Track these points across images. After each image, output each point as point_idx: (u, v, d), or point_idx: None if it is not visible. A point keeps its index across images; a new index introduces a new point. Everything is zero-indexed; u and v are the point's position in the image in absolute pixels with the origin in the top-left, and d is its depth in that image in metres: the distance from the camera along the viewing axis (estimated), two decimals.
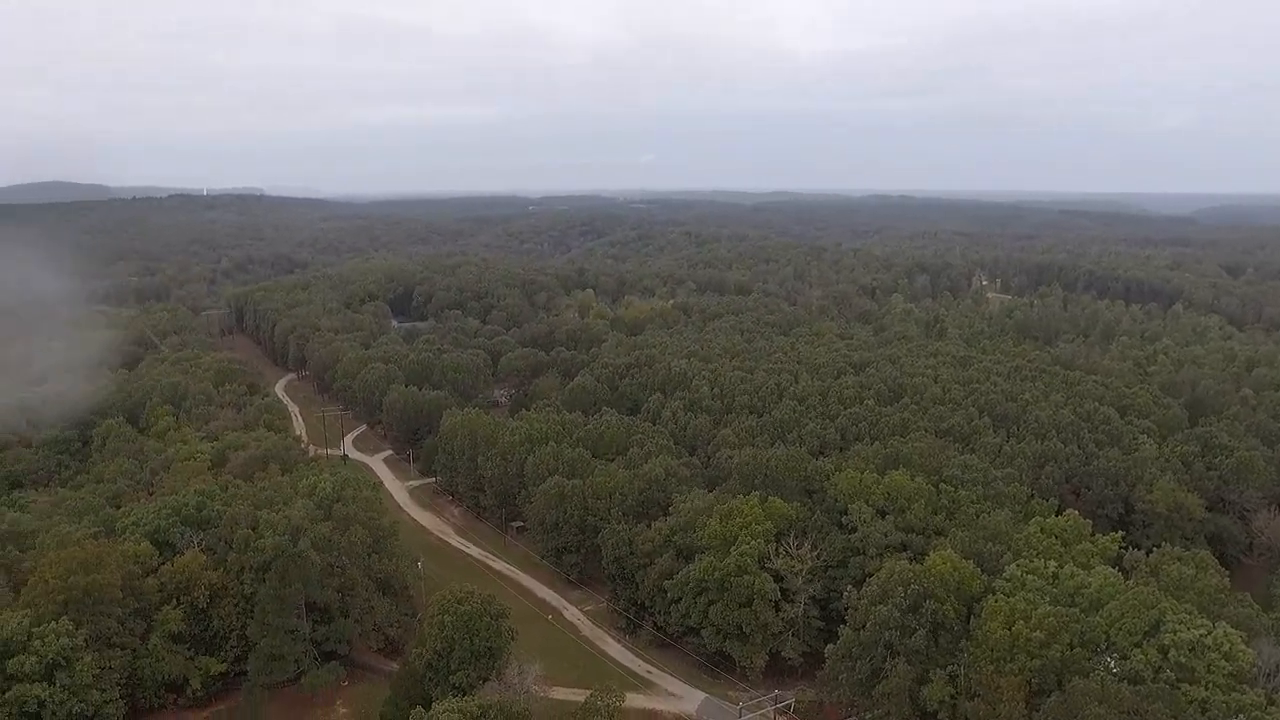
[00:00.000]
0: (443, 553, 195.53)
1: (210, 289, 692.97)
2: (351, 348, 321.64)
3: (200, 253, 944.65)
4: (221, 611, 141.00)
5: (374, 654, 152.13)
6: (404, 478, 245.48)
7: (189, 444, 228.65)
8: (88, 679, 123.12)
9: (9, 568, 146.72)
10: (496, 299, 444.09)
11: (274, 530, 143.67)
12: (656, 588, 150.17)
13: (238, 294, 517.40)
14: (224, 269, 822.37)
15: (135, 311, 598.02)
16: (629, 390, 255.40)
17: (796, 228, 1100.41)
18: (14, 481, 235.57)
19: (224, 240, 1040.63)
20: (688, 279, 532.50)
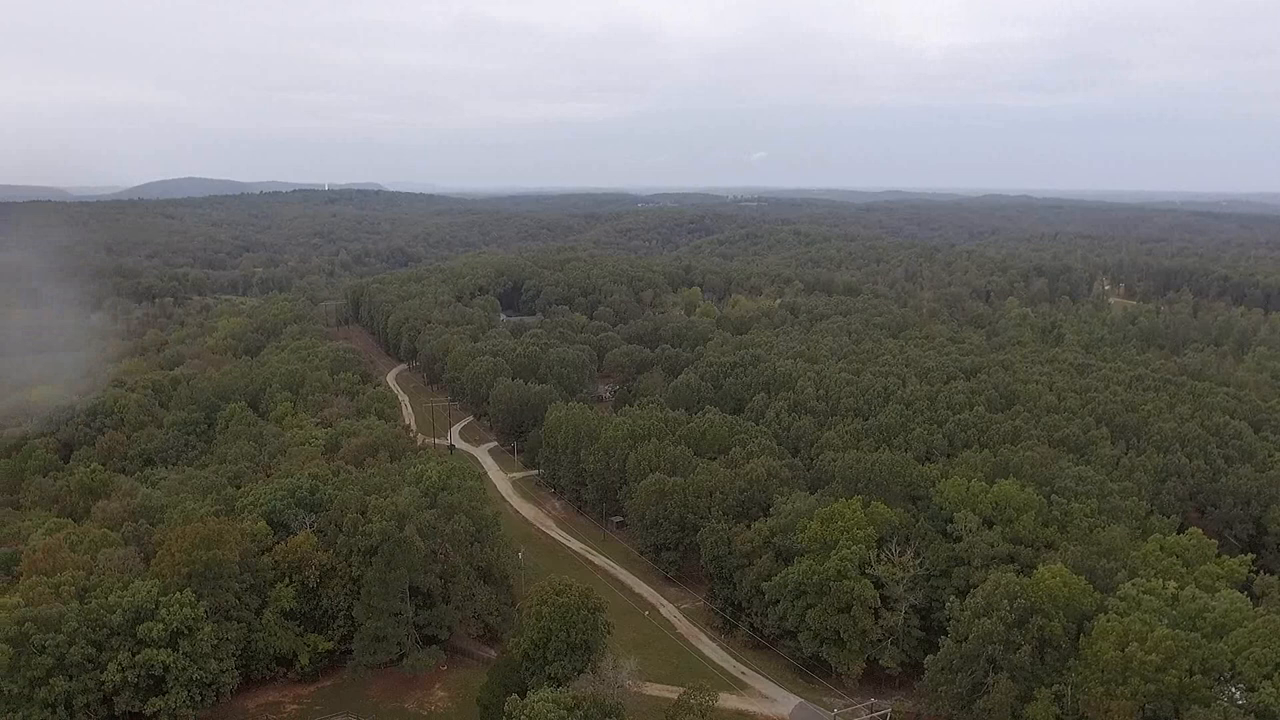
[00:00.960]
0: (543, 544, 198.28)
1: (329, 280, 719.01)
2: (461, 340, 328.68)
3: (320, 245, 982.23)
4: (330, 591, 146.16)
5: (473, 640, 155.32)
6: (508, 469, 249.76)
7: (304, 429, 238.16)
8: (207, 648, 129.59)
9: (141, 540, 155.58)
10: (603, 295, 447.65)
11: (382, 516, 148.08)
12: (754, 588, 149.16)
13: (354, 286, 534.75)
14: (342, 261, 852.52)
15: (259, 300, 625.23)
16: (733, 389, 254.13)
17: (909, 228, 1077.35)
18: (147, 459, 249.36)
19: (343, 234, 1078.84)
20: (795, 278, 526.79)
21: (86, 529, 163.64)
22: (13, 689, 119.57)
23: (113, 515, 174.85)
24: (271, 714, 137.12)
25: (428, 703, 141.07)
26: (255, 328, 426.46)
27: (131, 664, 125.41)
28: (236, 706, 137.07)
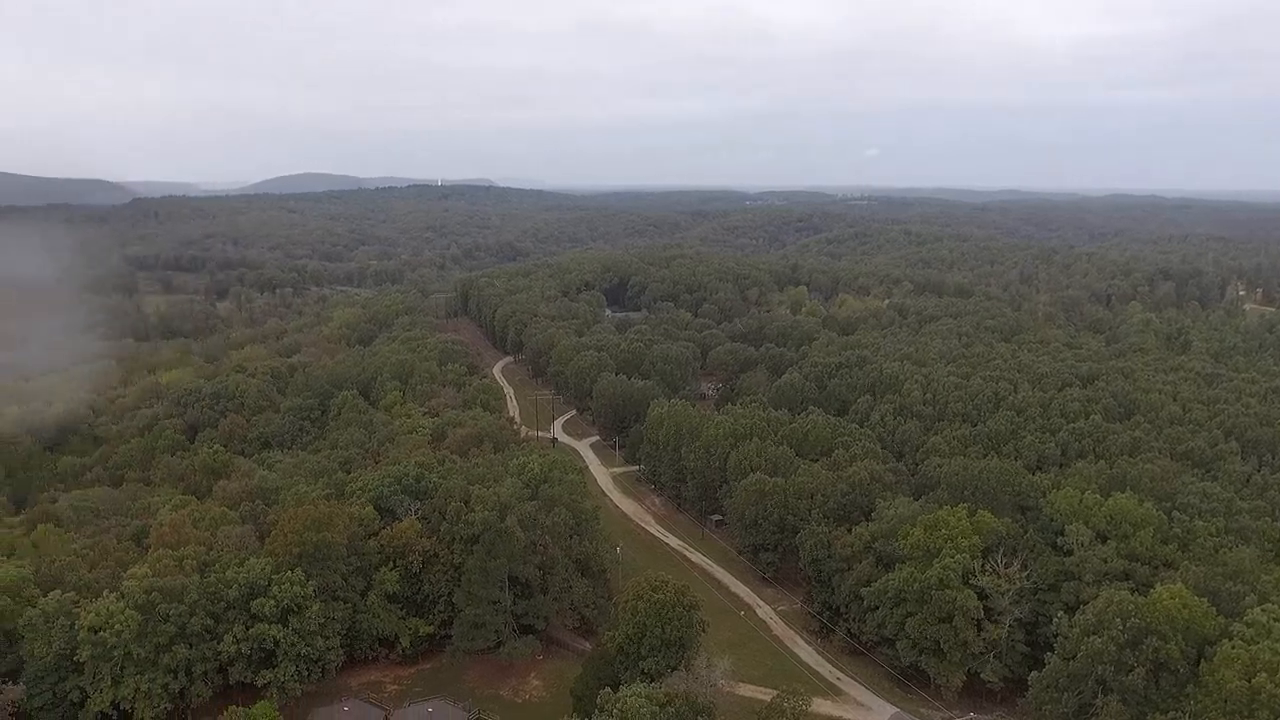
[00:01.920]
0: (641, 540, 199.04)
1: (439, 273, 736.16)
2: (566, 335, 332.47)
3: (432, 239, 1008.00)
4: (432, 577, 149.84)
5: (569, 632, 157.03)
6: (609, 464, 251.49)
7: (412, 418, 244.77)
8: (314, 626, 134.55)
9: (257, 519, 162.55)
10: (709, 292, 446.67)
11: (484, 505, 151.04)
12: (853, 594, 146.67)
13: (463, 279, 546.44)
14: (452, 255, 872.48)
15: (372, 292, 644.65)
16: (837, 390, 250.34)
17: (1025, 228, 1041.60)
18: (265, 442, 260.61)
19: (454, 228, 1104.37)
20: (905, 279, 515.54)
21: (208, 507, 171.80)
22: (140, 653, 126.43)
23: (232, 495, 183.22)
24: (373, 692, 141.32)
25: (522, 691, 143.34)
26: (368, 318, 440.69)
27: (245, 637, 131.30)
28: (340, 683, 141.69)
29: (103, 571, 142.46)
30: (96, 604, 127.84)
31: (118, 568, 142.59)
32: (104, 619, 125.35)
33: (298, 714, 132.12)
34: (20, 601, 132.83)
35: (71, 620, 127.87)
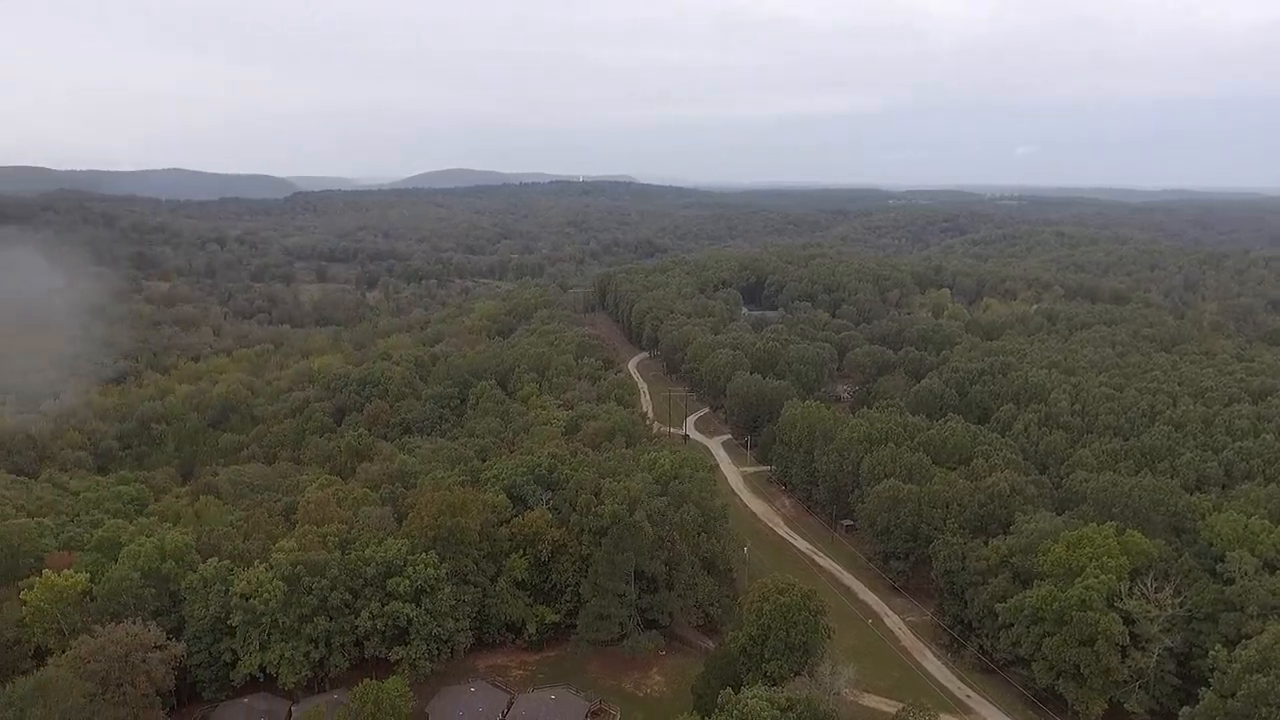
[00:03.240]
0: (769, 541, 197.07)
1: (578, 268, 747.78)
2: (701, 332, 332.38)
3: (572, 234, 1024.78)
4: (560, 567, 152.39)
5: (692, 629, 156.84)
6: (740, 463, 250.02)
7: (547, 410, 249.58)
8: (445, 607, 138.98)
9: (396, 501, 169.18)
10: (848, 293, 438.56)
11: (614, 499, 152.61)
12: (987, 609, 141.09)
13: (602, 274, 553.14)
14: (591, 250, 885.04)
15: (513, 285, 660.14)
16: (979, 397, 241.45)
17: (1192, 231, 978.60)
18: (406, 427, 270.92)
19: (594, 224, 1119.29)
20: (1055, 283, 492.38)
21: (351, 487, 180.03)
22: (285, 622, 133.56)
23: (373, 477, 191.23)
24: (498, 676, 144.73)
25: (644, 684, 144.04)
26: (508, 311, 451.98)
27: (381, 613, 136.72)
28: (468, 665, 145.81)
29: (254, 543, 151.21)
30: (248, 573, 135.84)
31: (268, 540, 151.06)
32: (254, 587, 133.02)
33: (426, 691, 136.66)
34: (184, 566, 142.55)
35: (226, 586, 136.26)
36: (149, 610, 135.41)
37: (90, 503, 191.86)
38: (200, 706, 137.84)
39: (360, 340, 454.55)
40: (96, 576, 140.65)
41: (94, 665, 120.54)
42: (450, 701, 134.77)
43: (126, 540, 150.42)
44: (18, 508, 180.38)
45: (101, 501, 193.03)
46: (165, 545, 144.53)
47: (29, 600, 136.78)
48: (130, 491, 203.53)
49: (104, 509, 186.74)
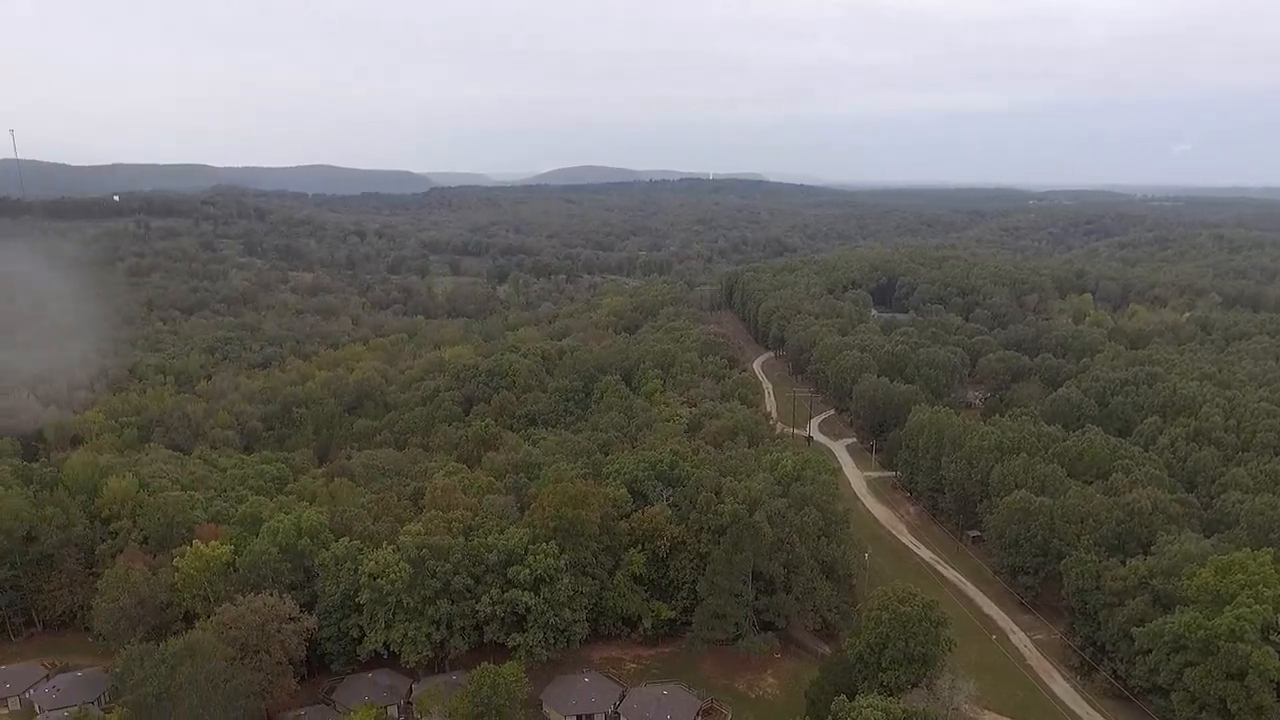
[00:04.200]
0: (891, 548, 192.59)
1: (706, 266, 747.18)
2: (829, 333, 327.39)
3: (701, 232, 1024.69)
4: (678, 564, 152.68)
5: (809, 633, 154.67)
6: (864, 467, 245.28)
7: (671, 407, 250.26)
8: (564, 597, 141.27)
9: (519, 491, 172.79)
10: (982, 296, 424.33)
11: (734, 498, 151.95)
12: (1122, 632, 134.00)
13: (729, 273, 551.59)
14: (720, 248, 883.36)
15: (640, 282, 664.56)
16: (1121, 409, 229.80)
17: None
18: (531, 419, 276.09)
19: (723, 222, 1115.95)
20: (1211, 290, 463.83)
21: (477, 475, 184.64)
22: (410, 603, 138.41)
23: (498, 466, 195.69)
24: (612, 668, 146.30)
25: (757, 686, 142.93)
26: (635, 307, 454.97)
27: (500, 600, 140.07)
28: (583, 655, 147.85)
29: (384, 525, 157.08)
30: (377, 554, 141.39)
31: (396, 523, 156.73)
32: (382, 568, 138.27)
33: (541, 679, 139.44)
34: (318, 543, 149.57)
35: (356, 565, 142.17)
36: (285, 584, 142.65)
37: (236, 479, 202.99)
38: (328, 678, 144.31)
39: (490, 332, 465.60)
40: (239, 549, 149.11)
41: (235, 631, 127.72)
42: (564, 690, 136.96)
43: (267, 516, 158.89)
44: (173, 481, 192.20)
45: (246, 479, 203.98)
46: (302, 523, 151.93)
47: (181, 568, 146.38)
48: (272, 470, 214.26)
49: (248, 486, 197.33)
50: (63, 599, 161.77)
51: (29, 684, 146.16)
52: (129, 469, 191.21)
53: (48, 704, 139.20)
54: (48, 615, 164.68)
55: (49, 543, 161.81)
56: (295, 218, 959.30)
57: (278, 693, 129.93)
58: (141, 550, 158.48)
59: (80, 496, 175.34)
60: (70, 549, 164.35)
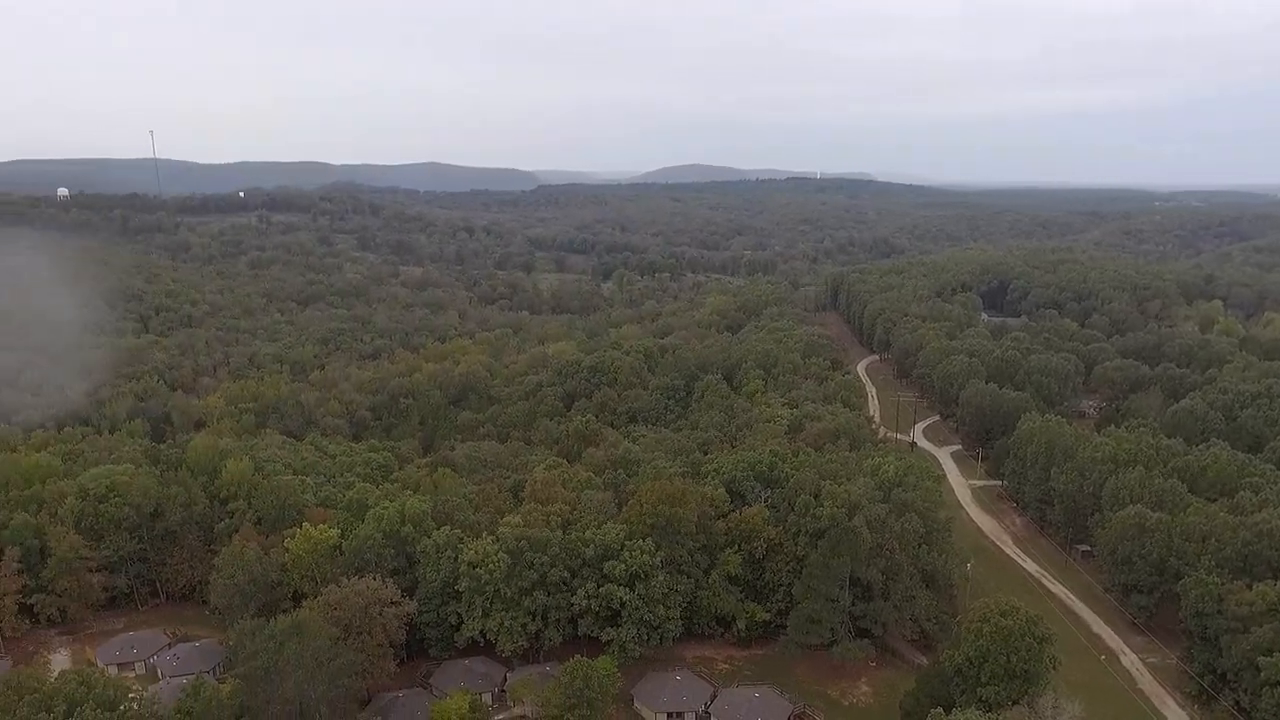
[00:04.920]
0: (995, 560, 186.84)
1: (810, 266, 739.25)
2: (936, 337, 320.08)
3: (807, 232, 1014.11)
4: (774, 566, 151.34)
5: (906, 643, 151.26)
6: (969, 475, 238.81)
7: (771, 407, 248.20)
8: (658, 594, 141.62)
9: (617, 487, 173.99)
10: (1100, 301, 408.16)
11: (833, 501, 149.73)
12: (1247, 660, 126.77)
13: (834, 274, 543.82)
14: (825, 249, 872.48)
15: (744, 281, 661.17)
16: (1251, 423, 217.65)
17: None
18: (632, 416, 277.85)
19: (830, 222, 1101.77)
20: None
21: (576, 470, 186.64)
22: (507, 592, 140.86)
23: (598, 462, 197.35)
24: (703, 667, 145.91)
25: (851, 693, 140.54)
26: (738, 307, 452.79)
27: (596, 594, 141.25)
28: (674, 653, 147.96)
29: (484, 515, 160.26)
30: (476, 543, 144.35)
31: (496, 514, 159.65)
32: (481, 557, 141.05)
33: (633, 674, 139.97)
34: (420, 531, 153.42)
35: (456, 554, 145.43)
36: (388, 569, 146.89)
37: (344, 466, 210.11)
38: (426, 662, 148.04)
39: (593, 329, 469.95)
40: (346, 533, 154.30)
41: (339, 613, 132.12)
42: (655, 686, 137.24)
43: (373, 503, 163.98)
44: (286, 465, 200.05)
45: (354, 466, 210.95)
46: (405, 511, 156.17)
47: (291, 549, 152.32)
48: (378, 459, 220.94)
49: (355, 473, 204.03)
50: (184, 573, 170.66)
51: (153, 650, 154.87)
52: (246, 452, 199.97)
53: (169, 670, 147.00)
54: (171, 587, 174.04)
55: (173, 520, 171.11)
56: (407, 214, 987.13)
57: (378, 674, 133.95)
58: (255, 530, 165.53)
59: (201, 477, 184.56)
60: (191, 526, 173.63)
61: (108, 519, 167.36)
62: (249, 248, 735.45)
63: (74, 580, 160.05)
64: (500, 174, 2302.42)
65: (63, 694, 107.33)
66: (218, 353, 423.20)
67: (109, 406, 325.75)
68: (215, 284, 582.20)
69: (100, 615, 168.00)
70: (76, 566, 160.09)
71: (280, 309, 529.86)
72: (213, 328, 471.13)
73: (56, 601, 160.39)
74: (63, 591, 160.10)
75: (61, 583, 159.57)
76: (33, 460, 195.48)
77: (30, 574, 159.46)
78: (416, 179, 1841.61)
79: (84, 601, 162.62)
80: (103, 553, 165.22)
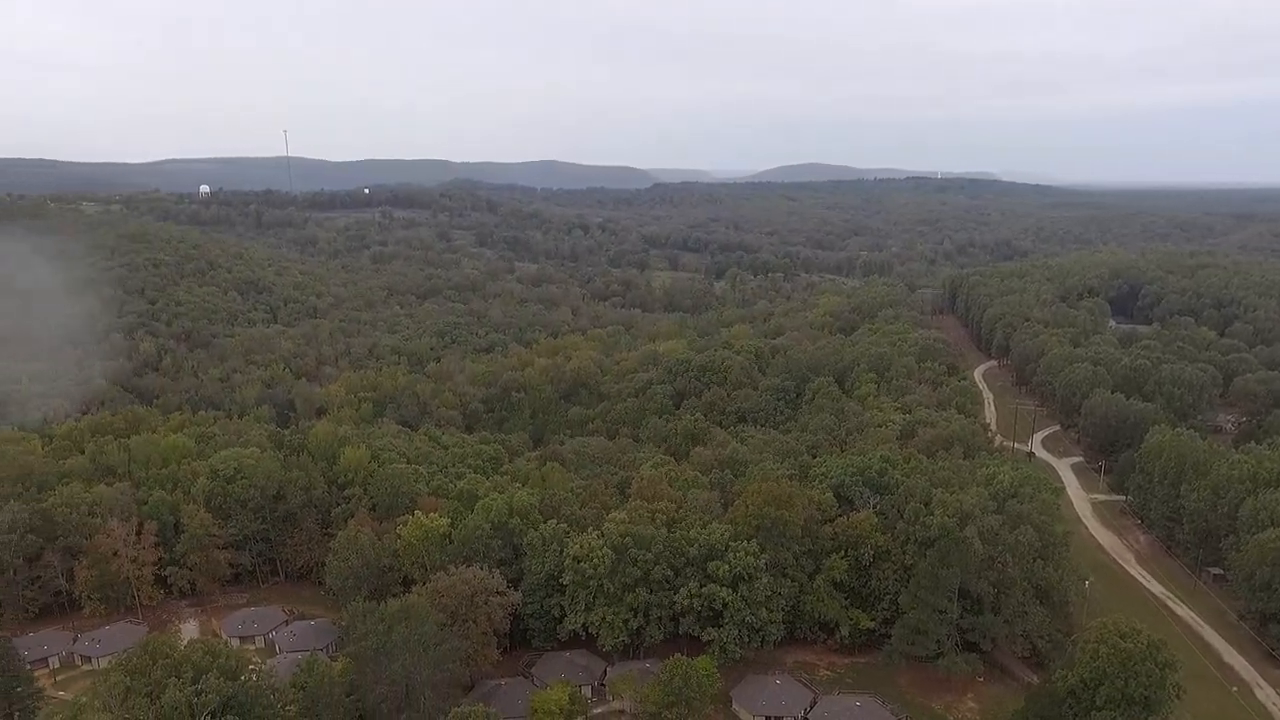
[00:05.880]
0: (1115, 578, 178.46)
1: (928, 268, 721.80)
2: (1059, 343, 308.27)
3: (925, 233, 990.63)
4: (880, 573, 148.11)
5: (1016, 659, 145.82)
6: (1089, 489, 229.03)
7: (884, 411, 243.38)
8: (761, 597, 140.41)
9: (724, 487, 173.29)
10: (1243, 309, 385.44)
11: (944, 510, 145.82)
12: None
13: (953, 276, 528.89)
14: (944, 250, 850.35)
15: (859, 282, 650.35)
16: None
17: None
18: (740, 416, 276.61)
19: (949, 223, 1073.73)
20: None
21: (683, 469, 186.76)
22: (610, 588, 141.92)
23: (705, 461, 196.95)
24: (804, 673, 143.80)
25: (956, 708, 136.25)
26: (852, 308, 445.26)
27: (698, 594, 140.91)
28: (775, 656, 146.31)
29: (590, 510, 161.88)
30: (582, 538, 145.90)
31: (602, 510, 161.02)
32: (586, 552, 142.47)
33: (733, 676, 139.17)
34: (527, 524, 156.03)
35: (561, 547, 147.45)
36: (494, 559, 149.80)
37: (456, 457, 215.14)
38: (528, 652, 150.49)
39: (704, 328, 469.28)
40: (456, 522, 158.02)
41: (446, 599, 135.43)
42: (755, 689, 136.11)
43: (482, 494, 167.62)
44: (400, 454, 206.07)
45: (465, 457, 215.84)
46: (513, 503, 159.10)
47: (403, 535, 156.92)
48: (489, 451, 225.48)
49: (466, 464, 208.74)
50: (302, 554, 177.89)
51: (272, 626, 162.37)
52: (364, 441, 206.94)
53: (286, 646, 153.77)
54: (290, 567, 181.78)
55: (294, 502, 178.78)
56: (523, 211, 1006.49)
57: (481, 661, 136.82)
58: (370, 516, 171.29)
59: (321, 463, 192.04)
60: (310, 510, 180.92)
61: (235, 499, 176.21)
62: (372, 242, 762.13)
63: (203, 555, 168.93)
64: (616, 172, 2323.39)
65: (191, 661, 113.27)
66: (340, 343, 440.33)
67: (239, 392, 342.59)
68: (339, 277, 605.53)
69: (225, 590, 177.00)
70: (206, 543, 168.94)
71: (400, 302, 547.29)
72: (336, 319, 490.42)
73: (187, 575, 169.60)
74: (193, 566, 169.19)
75: (192, 557, 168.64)
76: (170, 441, 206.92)
77: (165, 548, 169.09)
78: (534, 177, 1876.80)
79: (211, 576, 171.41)
80: (229, 531, 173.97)
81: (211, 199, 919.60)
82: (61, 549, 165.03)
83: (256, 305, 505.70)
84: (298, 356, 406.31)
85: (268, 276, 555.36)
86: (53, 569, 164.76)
